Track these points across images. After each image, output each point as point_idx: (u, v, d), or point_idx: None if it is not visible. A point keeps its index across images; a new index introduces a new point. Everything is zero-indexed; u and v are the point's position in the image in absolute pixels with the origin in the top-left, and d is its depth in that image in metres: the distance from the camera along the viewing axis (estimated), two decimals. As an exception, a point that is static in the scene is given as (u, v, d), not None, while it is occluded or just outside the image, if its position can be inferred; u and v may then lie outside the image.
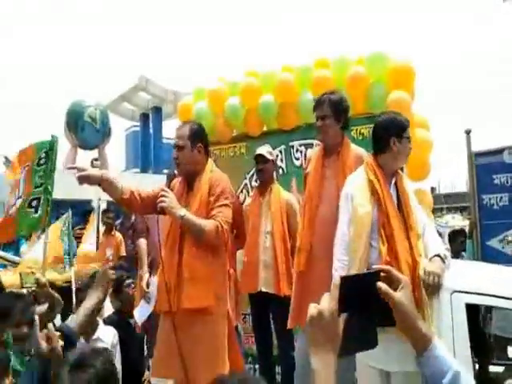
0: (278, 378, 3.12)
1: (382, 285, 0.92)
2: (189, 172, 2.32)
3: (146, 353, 3.27)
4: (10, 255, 4.52)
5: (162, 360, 2.24)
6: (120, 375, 2.70)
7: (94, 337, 2.74)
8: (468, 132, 4.22)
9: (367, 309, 0.94)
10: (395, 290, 0.93)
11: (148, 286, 2.85)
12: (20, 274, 3.12)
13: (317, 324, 0.87)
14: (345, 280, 0.90)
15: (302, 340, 2.47)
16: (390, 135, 2.11)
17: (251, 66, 3.86)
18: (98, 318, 2.86)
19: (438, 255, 1.91)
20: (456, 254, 4.41)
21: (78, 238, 4.95)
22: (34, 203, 3.02)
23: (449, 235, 4.85)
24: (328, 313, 0.87)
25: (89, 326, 2.17)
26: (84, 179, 2.14)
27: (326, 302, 0.88)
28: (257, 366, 3.29)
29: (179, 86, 13.75)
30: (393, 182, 2.11)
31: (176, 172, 2.59)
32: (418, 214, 2.09)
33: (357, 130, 3.35)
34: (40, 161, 3.12)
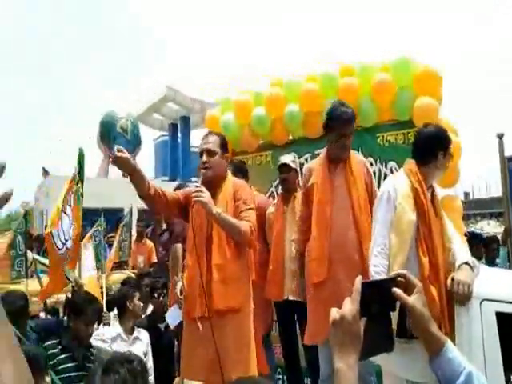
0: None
1: (396, 290, 0.95)
2: (214, 178, 2.33)
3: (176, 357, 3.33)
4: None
5: (193, 362, 2.26)
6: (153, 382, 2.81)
7: (134, 335, 2.88)
8: (500, 136, 4.11)
9: (385, 313, 0.98)
10: (410, 294, 0.96)
11: (181, 292, 2.89)
12: (64, 269, 3.27)
13: (339, 327, 0.90)
14: (365, 285, 0.94)
15: (324, 352, 2.44)
16: (438, 148, 2.10)
17: (274, 74, 3.93)
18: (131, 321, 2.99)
19: (467, 263, 1.88)
20: (489, 262, 4.28)
21: (110, 246, 5.11)
22: None
23: (482, 242, 4.71)
24: (350, 316, 0.89)
25: None
26: (121, 160, 2.06)
27: (348, 306, 0.91)
28: (285, 378, 3.27)
29: (204, 96, 14.02)
30: (429, 193, 2.08)
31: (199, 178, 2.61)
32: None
33: (383, 136, 3.33)
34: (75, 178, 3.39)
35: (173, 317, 2.98)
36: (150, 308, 3.56)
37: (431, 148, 2.10)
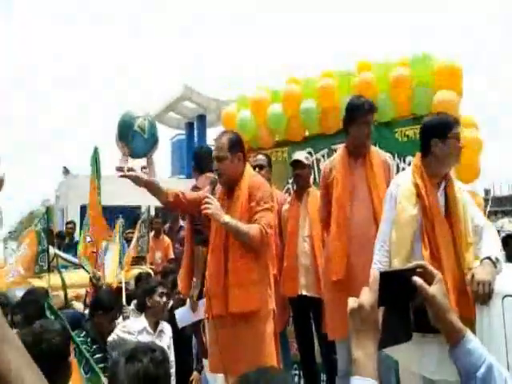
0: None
1: (416, 279, 0.94)
2: (230, 181, 2.37)
3: (194, 353, 3.36)
4: (70, 257, 4.83)
5: (211, 359, 2.34)
6: (174, 375, 2.84)
7: (160, 328, 2.93)
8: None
9: (404, 303, 0.97)
10: (430, 285, 0.95)
11: (197, 297, 2.88)
12: (80, 256, 3.36)
13: (357, 316, 0.90)
14: (384, 275, 0.94)
15: (345, 348, 2.43)
16: (430, 137, 2.03)
17: (289, 72, 3.92)
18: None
19: (490, 258, 1.83)
20: (510, 260, 4.19)
21: (128, 242, 5.20)
22: None
23: (502, 240, 4.61)
24: (368, 305, 0.90)
25: None
26: (132, 180, 2.29)
27: (366, 295, 0.91)
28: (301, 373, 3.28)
29: (220, 95, 14.05)
30: (442, 186, 2.02)
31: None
32: (472, 220, 1.98)
33: (401, 131, 3.30)
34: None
35: (182, 318, 2.98)
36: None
37: (425, 138, 2.05)
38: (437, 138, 2.00)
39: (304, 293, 2.89)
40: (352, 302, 0.92)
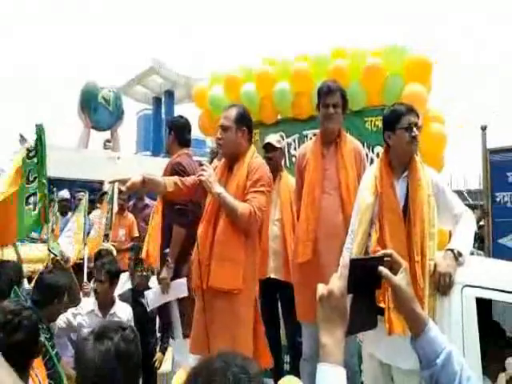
0: (286, 366, 3.16)
1: (382, 269, 0.97)
2: (231, 154, 2.33)
3: (157, 334, 3.33)
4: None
5: (194, 337, 2.28)
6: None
7: (111, 311, 2.83)
8: (484, 128, 4.18)
9: (370, 291, 1.01)
10: (395, 273, 0.98)
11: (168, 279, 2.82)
12: (48, 241, 3.15)
13: (327, 302, 0.90)
14: (353, 262, 0.95)
15: (311, 331, 2.46)
16: (384, 130, 2.11)
17: (264, 53, 3.85)
18: (114, 295, 2.94)
19: (452, 250, 1.88)
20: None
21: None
22: (31, 200, 2.87)
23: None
24: (338, 291, 0.90)
25: None
26: (130, 189, 2.26)
27: (336, 282, 0.92)
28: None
29: (191, 71, 13.70)
30: (404, 175, 2.05)
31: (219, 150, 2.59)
32: (450, 209, 2.01)
33: (371, 121, 3.34)
34: (30, 153, 2.91)
35: (153, 299, 2.92)
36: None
37: (383, 131, 2.13)
38: (389, 131, 2.08)
39: (272, 276, 2.91)
40: (321, 289, 0.92)
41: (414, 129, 2.02)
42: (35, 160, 2.94)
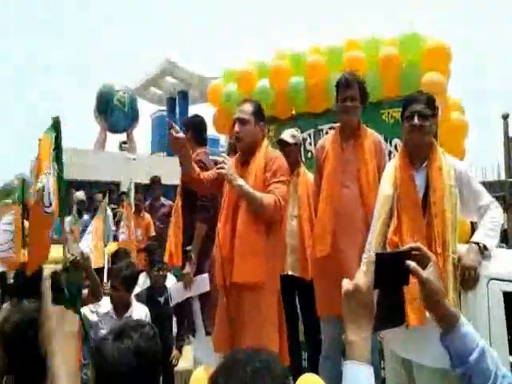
0: (305, 363, 3.12)
1: (410, 263, 0.93)
2: (249, 148, 2.31)
3: (175, 332, 3.34)
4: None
5: (217, 335, 2.23)
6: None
7: (127, 314, 2.81)
8: (505, 117, 4.06)
9: (398, 286, 0.96)
10: (424, 268, 0.93)
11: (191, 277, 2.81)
12: (65, 241, 3.17)
13: (352, 298, 0.87)
14: (379, 256, 0.91)
15: (331, 328, 2.42)
16: (401, 117, 2.06)
17: (277, 48, 3.80)
18: (132, 296, 2.94)
19: (477, 243, 1.83)
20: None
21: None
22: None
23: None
24: (364, 287, 0.87)
25: None
26: (177, 139, 2.18)
27: (362, 277, 0.88)
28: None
29: (204, 71, 13.72)
30: (424, 165, 1.98)
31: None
32: (475, 201, 1.94)
33: (388, 113, 3.27)
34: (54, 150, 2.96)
35: (176, 294, 2.90)
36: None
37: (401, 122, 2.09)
38: (403, 121, 2.04)
39: (290, 272, 2.87)
40: (346, 284, 0.89)
41: (415, 117, 1.95)
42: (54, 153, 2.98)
